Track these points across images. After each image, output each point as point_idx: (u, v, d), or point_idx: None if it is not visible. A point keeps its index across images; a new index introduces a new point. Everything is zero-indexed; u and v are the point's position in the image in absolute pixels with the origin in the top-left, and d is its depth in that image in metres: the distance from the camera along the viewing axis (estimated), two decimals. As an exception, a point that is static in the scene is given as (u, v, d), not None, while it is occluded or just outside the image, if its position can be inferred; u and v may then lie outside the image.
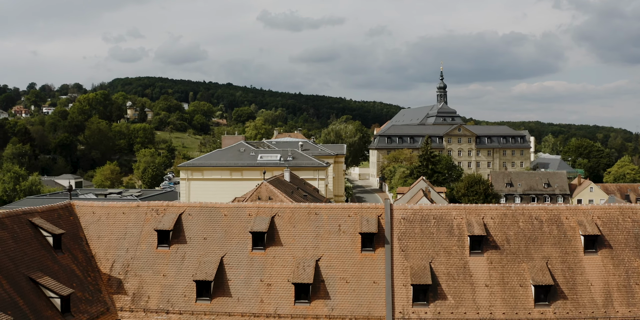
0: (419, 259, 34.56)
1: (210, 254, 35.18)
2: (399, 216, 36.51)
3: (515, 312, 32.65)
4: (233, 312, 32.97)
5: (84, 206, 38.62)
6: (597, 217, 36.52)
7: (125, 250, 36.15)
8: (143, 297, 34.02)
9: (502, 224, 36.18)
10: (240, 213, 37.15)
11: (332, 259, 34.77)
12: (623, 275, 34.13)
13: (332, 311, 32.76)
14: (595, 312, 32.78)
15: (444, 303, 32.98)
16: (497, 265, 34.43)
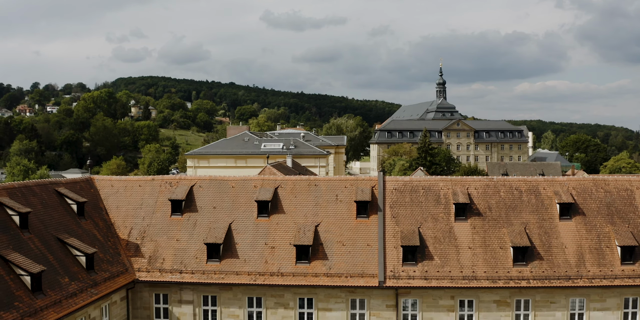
0: (408, 224, 38.06)
1: (220, 221, 38.70)
2: (391, 187, 40.03)
3: (496, 271, 36.12)
4: (240, 271, 36.46)
5: (103, 180, 42.22)
6: (572, 188, 40.01)
7: (141, 219, 39.70)
8: (158, 259, 37.54)
9: (485, 193, 39.67)
10: (246, 185, 40.71)
11: (329, 224, 38.27)
12: (595, 239, 37.57)
13: (329, 270, 36.26)
14: (568, 271, 36.21)
15: (431, 263, 36.46)
16: (479, 230, 37.90)
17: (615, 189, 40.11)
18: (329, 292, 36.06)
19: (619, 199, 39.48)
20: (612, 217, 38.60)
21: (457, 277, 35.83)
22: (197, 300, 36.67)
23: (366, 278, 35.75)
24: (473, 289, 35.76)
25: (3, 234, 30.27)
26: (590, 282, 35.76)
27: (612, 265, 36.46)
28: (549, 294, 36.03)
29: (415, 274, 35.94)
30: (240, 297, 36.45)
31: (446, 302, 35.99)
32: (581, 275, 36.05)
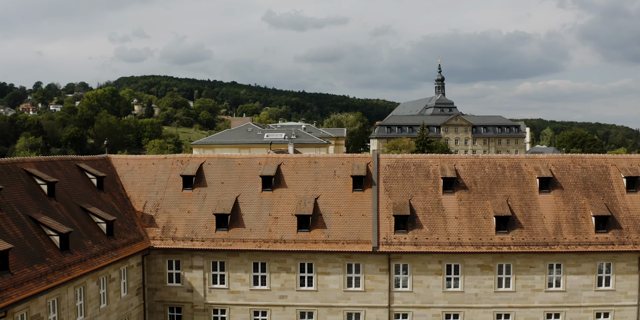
0: (400, 197, 41.51)
1: (227, 195, 42.15)
2: (384, 164, 43.47)
3: (479, 238, 39.55)
4: (247, 239, 39.93)
5: (119, 159, 45.72)
6: (551, 164, 43.44)
7: (155, 193, 43.16)
8: (171, 229, 41.00)
9: (471, 169, 43.12)
10: (251, 162, 44.19)
11: (328, 197, 41.72)
12: (571, 210, 41.00)
13: (328, 237, 39.70)
14: (546, 238, 39.64)
15: (420, 231, 39.90)
16: (465, 201, 41.33)
17: (591, 165, 43.53)
18: (328, 257, 39.50)
19: (595, 174, 42.90)
20: (588, 190, 42.01)
21: (444, 243, 39.25)
22: (206, 266, 40.12)
23: (361, 244, 39.18)
24: (459, 254, 39.19)
25: (34, 200, 33.72)
26: (567, 248, 39.15)
27: (586, 233, 39.86)
28: (528, 259, 39.43)
29: (406, 241, 39.36)
30: (247, 263, 39.90)
31: (434, 266, 39.41)
32: (558, 242, 39.46)
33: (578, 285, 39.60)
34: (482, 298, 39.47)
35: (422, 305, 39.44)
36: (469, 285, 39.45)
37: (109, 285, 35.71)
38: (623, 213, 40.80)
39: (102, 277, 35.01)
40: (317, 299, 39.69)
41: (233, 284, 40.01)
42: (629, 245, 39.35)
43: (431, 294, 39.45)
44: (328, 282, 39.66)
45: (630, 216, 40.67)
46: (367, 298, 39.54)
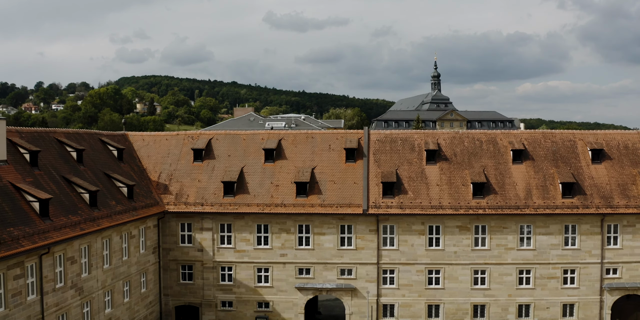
0: (388, 167, 46.38)
1: (233, 166, 47.02)
2: (374, 138, 48.36)
3: (458, 202, 44.41)
4: (251, 203, 44.80)
5: (135, 135, 50.64)
6: (524, 139, 48.33)
7: (169, 165, 48.04)
8: (183, 196, 45.87)
9: (452, 143, 48.00)
10: (255, 137, 49.08)
11: (323, 167, 46.60)
12: (541, 179, 45.86)
13: (323, 202, 44.57)
14: (517, 202, 44.50)
15: (405, 196, 44.76)
16: (446, 171, 46.21)
17: (560, 139, 48.43)
18: (323, 219, 44.38)
19: (563, 148, 47.79)
20: (557, 161, 46.90)
21: (426, 206, 44.13)
22: (215, 228, 44.99)
23: (353, 207, 44.07)
24: (439, 216, 44.06)
25: (65, 164, 38.59)
26: (536, 211, 44.03)
27: (554, 198, 44.74)
28: (501, 221, 44.31)
29: (393, 205, 44.23)
30: (251, 224, 44.77)
31: (418, 227, 44.29)
32: (528, 205, 44.33)
33: (547, 245, 44.44)
34: (460, 256, 44.33)
35: (407, 262, 44.32)
36: (449, 244, 44.31)
37: (130, 241, 40.59)
38: (588, 181, 45.66)
39: (125, 232, 39.89)
40: (313, 256, 44.56)
41: (239, 244, 44.88)
42: (592, 208, 44.20)
43: (415, 252, 44.31)
44: (323, 242, 44.51)
45: (594, 184, 45.53)
46: (358, 256, 44.41)
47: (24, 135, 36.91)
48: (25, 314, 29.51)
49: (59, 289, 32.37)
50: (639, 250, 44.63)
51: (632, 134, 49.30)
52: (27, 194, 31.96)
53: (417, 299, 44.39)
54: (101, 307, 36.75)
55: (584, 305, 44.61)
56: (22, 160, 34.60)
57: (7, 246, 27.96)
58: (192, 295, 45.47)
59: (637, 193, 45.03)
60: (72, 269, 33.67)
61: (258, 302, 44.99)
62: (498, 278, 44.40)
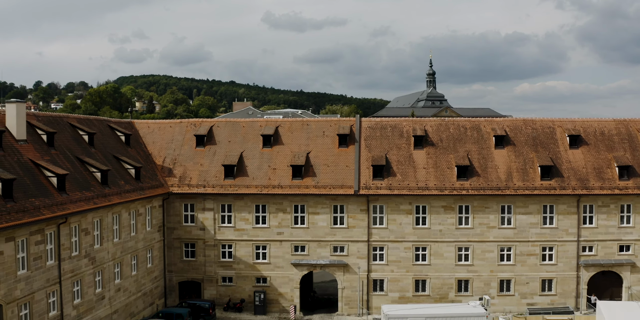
0: (378, 151, 49.51)
1: (234, 151, 50.11)
2: (365, 125, 51.50)
3: (443, 184, 47.54)
4: (250, 185, 47.90)
5: (141, 123, 53.74)
6: (506, 126, 51.49)
7: (173, 150, 51.14)
8: (187, 178, 48.97)
9: (438, 130, 51.14)
10: (254, 125, 52.20)
11: (318, 152, 49.71)
12: (521, 162, 48.99)
13: (317, 183, 47.69)
14: (499, 184, 47.63)
15: (394, 178, 47.89)
16: (432, 155, 49.35)
17: (540, 126, 51.59)
18: (317, 200, 47.49)
19: (543, 134, 50.95)
20: (537, 146, 50.04)
21: (413, 188, 47.25)
22: (216, 208, 48.08)
23: (345, 188, 47.18)
24: (425, 197, 47.19)
25: (78, 146, 41.67)
26: (516, 192, 47.17)
27: (533, 180, 47.88)
28: (484, 201, 47.44)
29: (382, 186, 47.36)
30: (250, 205, 47.88)
31: (405, 207, 47.42)
32: (509, 187, 47.46)
33: (526, 224, 47.59)
34: (445, 233, 47.46)
35: (396, 240, 47.45)
36: (435, 223, 47.45)
37: (137, 218, 43.70)
38: (565, 165, 48.83)
39: (132, 210, 42.99)
40: (308, 234, 47.68)
41: (238, 223, 47.98)
42: (569, 190, 47.35)
43: (403, 230, 47.44)
44: (317, 221, 47.63)
45: (571, 167, 48.69)
46: (349, 234, 47.54)
47: (40, 118, 39.99)
48: (45, 277, 32.60)
49: (74, 257, 35.46)
50: (613, 229, 47.76)
51: (609, 121, 52.45)
52: (46, 170, 35.06)
53: (405, 275, 47.51)
54: (111, 277, 39.85)
55: (562, 280, 47.73)
56: (39, 140, 37.68)
57: (29, 214, 31.06)
58: (194, 272, 48.56)
59: (611, 176, 48.18)
60: (86, 240, 36.76)
61: (256, 277, 48.10)
62: (480, 255, 47.52)
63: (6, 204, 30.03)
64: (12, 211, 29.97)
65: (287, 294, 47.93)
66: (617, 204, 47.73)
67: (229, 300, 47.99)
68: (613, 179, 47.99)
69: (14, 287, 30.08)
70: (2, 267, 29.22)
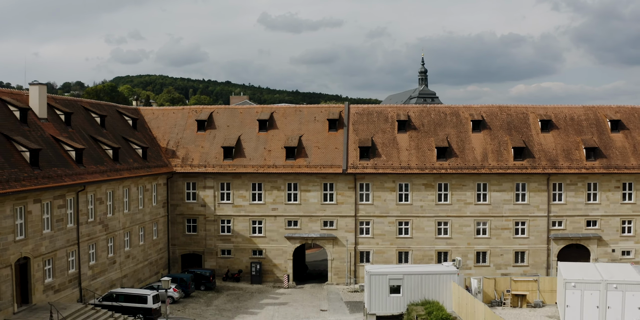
0: (364, 135, 53.86)
1: (232, 135, 54.39)
2: (353, 111, 55.86)
3: (424, 164, 51.89)
4: (247, 165, 52.18)
5: (146, 109, 58.02)
6: (483, 112, 55.89)
7: (176, 134, 55.40)
8: (189, 159, 53.23)
9: (420, 115, 55.53)
10: (251, 111, 56.54)
11: (309, 135, 54.03)
12: (496, 145, 53.39)
13: (309, 164, 52.00)
14: (475, 164, 52.01)
15: (379, 159, 52.24)
16: (414, 138, 53.72)
17: (515, 112, 56.01)
18: (308, 178, 51.80)
19: (517, 119, 55.37)
20: (510, 130, 54.44)
21: (397, 167, 51.61)
22: (216, 186, 52.35)
23: (334, 168, 51.52)
24: (408, 175, 51.54)
25: (91, 127, 45.92)
26: (490, 171, 51.54)
27: (507, 161, 52.28)
28: (461, 179, 51.81)
29: (368, 166, 51.71)
30: (247, 183, 52.16)
31: (389, 184, 51.77)
32: (484, 166, 51.84)
33: (500, 200, 51.97)
34: (426, 209, 51.82)
35: (381, 215, 51.79)
36: (416, 199, 51.80)
37: (144, 193, 47.97)
38: (537, 147, 53.23)
39: (140, 185, 47.25)
40: (300, 210, 51.99)
41: (236, 200, 52.26)
42: (539, 169, 51.76)
43: (387, 206, 51.78)
44: (309, 198, 51.94)
45: (542, 149, 53.09)
46: (338, 209, 51.86)
47: (57, 101, 44.22)
48: (65, 237, 36.85)
49: (90, 223, 39.72)
50: (580, 205, 52.17)
51: (578, 108, 56.90)
52: (66, 145, 39.31)
53: (389, 247, 51.84)
54: (122, 245, 44.11)
55: (533, 252, 52.09)
56: (58, 119, 41.93)
57: (53, 180, 35.32)
58: (195, 245, 52.83)
59: (579, 157, 52.61)
60: (100, 208, 41.04)
61: (253, 250, 52.38)
62: (458, 229, 51.88)
63: (33, 171, 34.26)
64: (39, 177, 34.22)
65: (281, 265, 52.21)
66: (584, 183, 52.12)
67: (227, 271, 52.23)
68: (580, 159, 52.39)
69: (40, 244, 34.31)
70: (31, 225, 33.46)
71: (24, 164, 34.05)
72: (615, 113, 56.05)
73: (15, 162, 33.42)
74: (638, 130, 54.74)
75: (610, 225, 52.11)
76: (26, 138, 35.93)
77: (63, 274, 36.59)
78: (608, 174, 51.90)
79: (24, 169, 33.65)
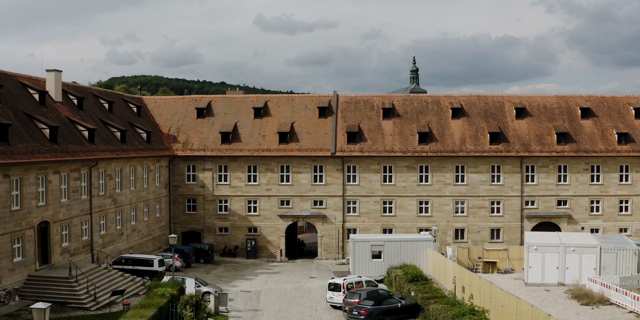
0: (352, 121, 58.16)
1: (229, 121, 58.62)
2: (342, 100, 60.17)
3: (407, 148, 56.20)
4: (243, 148, 56.40)
5: (149, 99, 62.29)
6: (462, 100, 60.26)
7: (177, 121, 59.60)
8: (189, 144, 57.42)
9: (404, 104, 59.88)
10: (247, 100, 60.81)
11: (301, 122, 58.31)
12: (474, 130, 57.74)
13: (300, 147, 56.25)
14: (454, 148, 56.34)
15: (365, 143, 56.53)
16: (398, 125, 58.04)
17: (492, 101, 60.40)
18: (300, 160, 56.05)
19: (493, 107, 59.76)
20: (487, 117, 58.82)
21: (381, 151, 55.91)
22: (214, 168, 56.54)
23: (323, 151, 55.78)
24: (391, 158, 55.83)
25: (100, 111, 50.08)
26: (468, 154, 55.89)
27: (483, 145, 56.63)
28: (441, 162, 56.13)
29: (355, 149, 56.00)
30: (243, 165, 56.38)
31: (375, 166, 56.05)
32: (462, 150, 56.18)
33: (477, 181, 56.29)
34: (408, 189, 56.11)
35: (366, 195, 56.07)
36: (399, 180, 56.10)
37: (149, 173, 52.14)
38: (511, 132, 57.60)
39: (145, 165, 51.43)
40: (292, 190, 56.22)
41: (233, 181, 56.48)
42: (513, 153, 56.10)
43: (372, 186, 56.07)
44: (300, 179, 56.19)
45: (516, 134, 57.45)
46: (327, 190, 56.11)
47: (70, 87, 48.37)
48: (79, 207, 41.01)
49: (101, 196, 43.89)
50: (551, 186, 56.52)
51: (551, 97, 61.33)
52: (79, 125, 43.49)
53: (374, 224, 56.11)
54: (129, 218, 48.27)
55: (508, 229, 56.41)
56: (71, 103, 46.09)
57: (70, 154, 39.50)
58: (195, 223, 57.00)
59: (550, 141, 56.98)
60: (110, 184, 45.20)
61: (248, 227, 56.57)
62: (438, 208, 56.18)
63: (53, 146, 38.43)
64: (57, 151, 38.38)
65: (275, 241, 56.42)
66: (555, 165, 56.51)
67: (224, 247, 56.40)
68: (552, 144, 56.78)
69: (58, 211, 38.47)
70: (51, 193, 37.64)
71: (44, 139, 38.21)
72: (586, 102, 60.47)
73: (37, 137, 37.58)
74: (606, 117, 59.17)
75: (580, 205, 56.46)
76: (45, 117, 40.08)
77: (78, 240, 40.74)
78: (577, 157, 56.29)
79: (45, 143, 37.81)
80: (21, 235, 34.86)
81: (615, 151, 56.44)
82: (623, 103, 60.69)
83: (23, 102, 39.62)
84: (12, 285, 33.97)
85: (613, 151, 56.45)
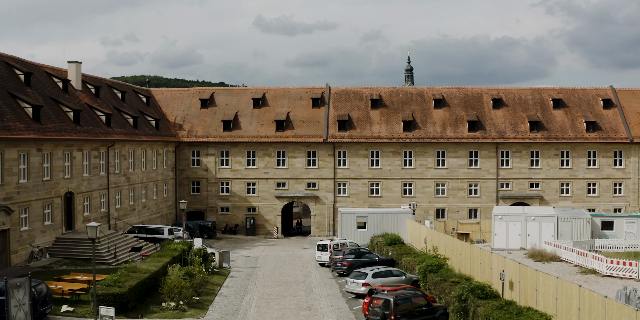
0: (343, 111, 63.69)
1: (230, 111, 64.16)
2: (334, 92, 65.72)
3: (392, 135, 61.72)
4: (243, 136, 61.92)
5: (156, 91, 67.79)
6: (444, 92, 65.80)
7: (182, 111, 65.15)
8: (193, 131, 62.94)
9: (390, 95, 65.42)
10: (246, 91, 66.35)
11: (296, 112, 63.85)
12: (454, 119, 63.25)
13: (295, 135, 61.76)
14: (435, 135, 61.84)
15: (354, 131, 62.04)
16: (385, 114, 63.58)
17: (471, 93, 65.92)
18: (295, 146, 61.55)
19: (473, 98, 65.29)
20: (467, 108, 64.34)
21: (369, 137, 61.41)
22: (217, 153, 62.04)
23: (316, 138, 61.29)
24: (378, 144, 61.34)
25: (114, 100, 55.58)
26: (448, 140, 61.39)
27: (462, 132, 62.13)
28: (423, 148, 61.63)
29: (345, 136, 61.51)
30: (243, 151, 61.88)
31: (363, 152, 61.56)
32: (443, 137, 61.68)
33: (456, 165, 61.78)
34: (393, 173, 61.60)
35: (355, 177, 61.56)
36: (385, 164, 61.59)
37: (157, 157, 57.64)
38: (488, 121, 63.10)
39: (155, 149, 56.93)
40: (288, 173, 61.72)
41: (234, 165, 61.96)
42: (490, 139, 61.59)
43: (361, 170, 61.55)
44: (295, 163, 61.67)
45: (493, 123, 62.96)
46: (320, 173, 61.61)
47: (87, 77, 53.90)
48: (98, 182, 46.50)
49: (116, 174, 49.37)
50: (525, 170, 61.98)
51: (526, 89, 66.85)
52: (97, 110, 49.00)
53: (362, 204, 61.54)
54: (140, 196, 53.75)
55: (484, 209, 61.79)
56: (89, 92, 51.61)
57: (92, 135, 45.01)
58: (199, 204, 62.47)
59: (524, 129, 62.47)
60: (124, 164, 50.69)
61: (247, 207, 62.02)
62: (421, 189, 61.64)
63: (76, 127, 43.94)
64: (80, 131, 43.90)
65: (272, 220, 61.88)
66: (527, 151, 61.98)
67: (226, 225, 61.84)
68: (525, 131, 62.27)
69: (80, 184, 43.95)
70: (75, 168, 43.13)
71: (69, 121, 43.71)
72: (558, 93, 65.99)
73: (63, 119, 43.08)
74: (577, 107, 64.67)
75: (550, 187, 61.91)
76: (69, 102, 45.58)
77: (97, 211, 46.22)
78: (548, 144, 61.76)
79: (69, 124, 43.31)
80: (50, 202, 40.34)
81: (584, 138, 61.89)
82: (593, 95, 66.15)
83: (49, 89, 45.12)
84: (44, 245, 39.44)
85: (581, 138, 61.90)
